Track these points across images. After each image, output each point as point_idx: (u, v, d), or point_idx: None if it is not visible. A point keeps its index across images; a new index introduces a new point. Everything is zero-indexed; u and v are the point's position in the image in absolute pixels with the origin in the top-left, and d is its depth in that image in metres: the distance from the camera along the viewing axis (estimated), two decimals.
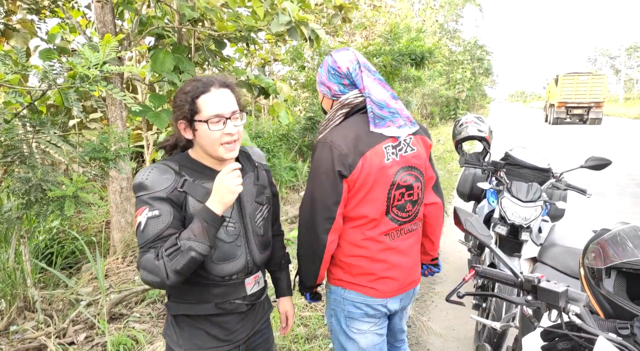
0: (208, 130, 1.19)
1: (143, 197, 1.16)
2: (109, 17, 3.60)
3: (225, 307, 1.28)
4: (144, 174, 1.19)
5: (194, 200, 1.20)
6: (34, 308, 2.73)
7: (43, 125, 2.70)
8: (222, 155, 1.23)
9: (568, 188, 2.63)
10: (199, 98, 1.20)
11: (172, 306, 1.30)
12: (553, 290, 0.94)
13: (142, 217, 1.14)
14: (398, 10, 16.38)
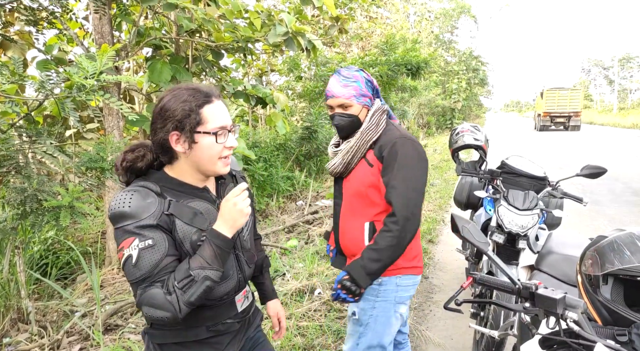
0: (213, 143, 1.11)
1: (127, 226, 1.04)
2: (107, 28, 3.62)
3: (217, 329, 1.20)
4: (122, 201, 1.05)
5: (181, 223, 1.10)
6: (28, 320, 2.70)
7: (39, 136, 2.70)
8: (219, 170, 1.15)
9: (564, 196, 2.63)
10: (203, 108, 1.11)
11: (156, 334, 1.17)
12: (551, 296, 0.94)
13: (131, 249, 1.02)
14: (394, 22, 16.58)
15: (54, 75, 2.12)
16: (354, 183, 1.68)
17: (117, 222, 1.05)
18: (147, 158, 1.14)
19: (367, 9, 11.54)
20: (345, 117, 1.64)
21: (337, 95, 1.62)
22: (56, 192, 2.65)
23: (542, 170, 2.76)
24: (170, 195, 1.12)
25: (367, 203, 1.65)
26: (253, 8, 4.41)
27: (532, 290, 0.99)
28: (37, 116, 4.46)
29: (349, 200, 1.70)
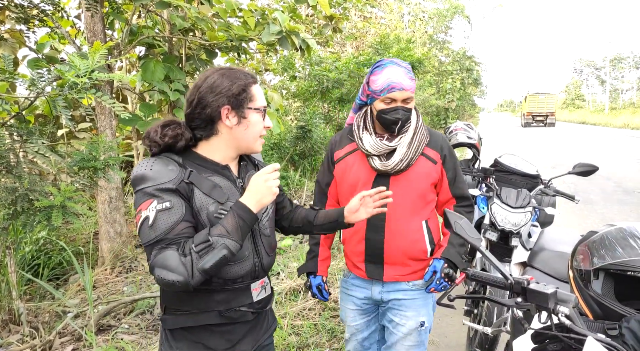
0: (260, 119, 1.19)
1: (147, 189, 1.06)
2: (99, 26, 3.60)
3: (229, 315, 1.17)
4: (146, 165, 1.09)
5: (200, 193, 1.11)
6: (19, 321, 2.67)
7: (31, 135, 2.67)
8: (257, 147, 1.22)
9: (557, 194, 2.66)
10: (252, 87, 1.18)
11: (169, 320, 1.18)
12: (542, 291, 0.94)
13: (148, 210, 1.04)
14: (388, 22, 16.62)
15: (45, 73, 2.10)
16: (414, 181, 1.59)
17: (138, 184, 1.07)
18: (186, 138, 1.16)
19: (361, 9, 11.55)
20: (407, 111, 1.55)
21: (407, 88, 1.51)
22: (48, 191, 2.62)
23: (535, 168, 2.78)
24: (191, 168, 1.14)
25: (425, 201, 1.63)
26: (247, 7, 4.40)
27: (524, 285, 0.99)
28: (29, 115, 4.42)
29: (402, 199, 1.58)
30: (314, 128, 7.45)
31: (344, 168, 1.67)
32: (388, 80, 1.50)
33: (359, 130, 1.63)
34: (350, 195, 1.55)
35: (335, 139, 1.74)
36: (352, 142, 1.67)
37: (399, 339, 1.66)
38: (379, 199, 1.32)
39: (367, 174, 1.61)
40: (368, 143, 1.58)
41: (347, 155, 1.67)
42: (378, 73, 1.53)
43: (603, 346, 0.86)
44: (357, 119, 1.67)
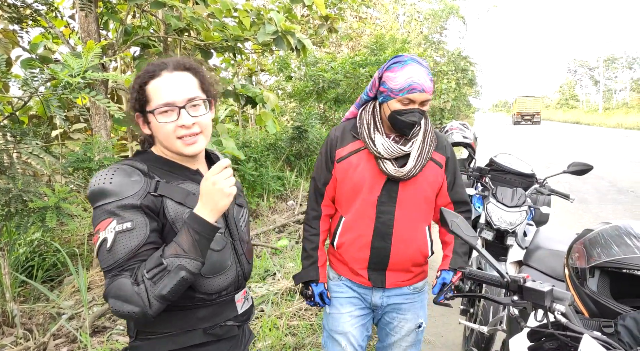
0: (157, 123, 1.00)
1: (106, 206, 0.93)
2: (93, 26, 3.57)
3: (215, 332, 1.06)
4: (104, 177, 0.95)
5: (173, 202, 1.00)
6: (13, 323, 2.65)
7: (25, 136, 2.65)
8: (180, 150, 1.03)
9: (552, 193, 2.67)
10: (149, 84, 1.01)
11: (143, 346, 1.02)
12: (538, 289, 0.94)
13: (107, 231, 0.91)
14: (383, 22, 16.65)
15: (38, 73, 2.08)
16: (422, 186, 1.53)
17: (97, 200, 0.95)
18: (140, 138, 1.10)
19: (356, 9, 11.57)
20: (422, 114, 1.46)
21: (427, 90, 1.41)
22: (42, 192, 2.60)
23: (530, 168, 2.79)
24: (159, 175, 1.03)
25: (430, 207, 1.58)
26: (242, 7, 4.39)
27: (520, 283, 0.99)
28: (22, 116, 4.38)
29: (410, 205, 1.52)
30: (310, 129, 7.44)
31: (347, 169, 1.54)
32: (410, 79, 1.38)
33: (370, 129, 1.50)
34: (352, 197, 1.53)
35: (335, 135, 1.58)
36: (357, 140, 1.55)
37: (396, 340, 1.64)
38: None
39: (375, 177, 1.51)
40: (381, 145, 1.47)
41: (351, 154, 1.55)
42: (397, 70, 1.40)
43: (599, 344, 0.86)
44: (366, 116, 1.54)
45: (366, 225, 1.52)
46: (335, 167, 1.57)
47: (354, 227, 1.55)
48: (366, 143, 1.50)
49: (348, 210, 1.56)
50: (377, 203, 1.51)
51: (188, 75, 1.05)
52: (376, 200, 1.51)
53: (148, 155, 1.08)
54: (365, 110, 1.57)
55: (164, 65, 1.03)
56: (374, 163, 1.51)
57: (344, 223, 1.58)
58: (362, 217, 1.53)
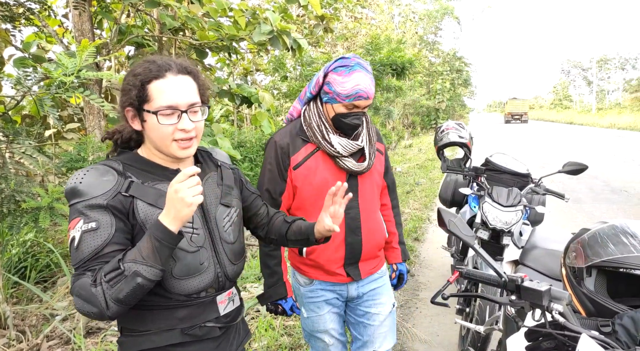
0: (157, 124, 1.00)
1: (76, 205, 0.96)
2: (87, 25, 3.54)
3: (194, 333, 1.06)
4: (78, 177, 0.98)
5: (144, 203, 1.00)
6: (6, 325, 2.62)
7: (17, 135, 2.63)
8: (174, 153, 1.04)
9: (547, 192, 2.68)
10: (151, 83, 1.01)
11: (126, 342, 1.05)
12: (536, 288, 0.94)
13: (75, 230, 0.94)
14: (379, 23, 16.68)
15: (31, 72, 2.06)
16: (375, 176, 1.63)
17: (69, 199, 0.98)
18: (126, 133, 1.08)
19: (352, 10, 11.58)
20: (362, 115, 1.51)
21: (371, 97, 1.46)
22: (35, 192, 2.58)
23: (525, 167, 2.80)
24: (136, 175, 1.03)
25: (379, 194, 1.70)
26: (237, 6, 4.38)
27: (517, 282, 0.99)
28: (15, 115, 4.34)
29: (369, 195, 1.61)
30: None
31: (306, 174, 1.53)
32: (357, 87, 1.42)
33: (322, 131, 1.52)
34: (316, 200, 1.51)
35: (285, 142, 1.54)
36: (307, 143, 1.55)
37: (375, 329, 1.68)
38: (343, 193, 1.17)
39: (336, 176, 1.53)
40: (339, 144, 1.50)
41: (307, 158, 1.54)
42: (345, 75, 1.44)
43: (597, 343, 0.86)
44: (314, 118, 1.54)
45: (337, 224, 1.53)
46: (292, 175, 1.55)
47: None
48: (320, 145, 1.52)
49: (313, 214, 1.49)
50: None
51: (189, 79, 1.06)
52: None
53: (128, 154, 1.09)
54: (310, 111, 1.56)
55: (168, 67, 1.03)
56: (331, 163, 1.54)
57: None
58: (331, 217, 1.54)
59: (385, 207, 1.78)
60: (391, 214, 1.79)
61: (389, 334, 1.72)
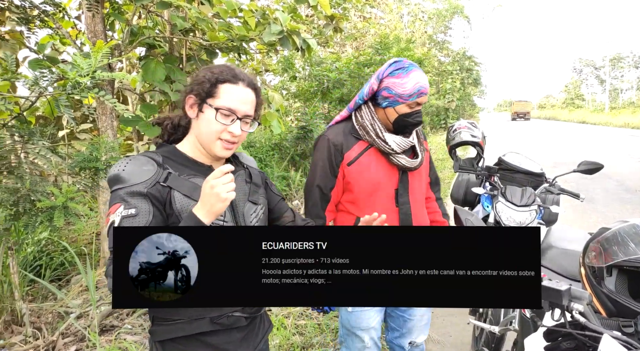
0: (213, 119, 1.09)
1: (118, 191, 1.03)
2: (100, 27, 3.58)
3: (222, 322, 1.11)
4: (121, 165, 1.06)
5: (180, 194, 1.06)
6: (22, 322, 2.66)
7: (32, 136, 2.66)
8: (215, 150, 1.12)
9: (561, 192, 2.64)
10: (224, 84, 1.11)
11: (158, 331, 1.11)
12: (556, 288, 0.93)
13: (115, 215, 1.01)
14: (387, 22, 16.62)
15: (47, 73, 2.09)
16: (423, 172, 1.70)
17: (112, 184, 1.05)
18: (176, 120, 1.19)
19: (360, 9, 11.55)
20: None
21: (427, 92, 1.56)
22: (50, 192, 2.61)
23: (539, 167, 2.77)
24: (172, 167, 1.10)
25: (425, 190, 1.75)
26: (247, 7, 4.39)
27: None
28: (30, 116, 4.40)
29: (418, 192, 1.67)
30: (315, 129, 7.44)
31: (360, 170, 1.60)
32: (418, 84, 1.50)
33: (376, 130, 1.58)
34: (369, 195, 1.59)
35: (338, 140, 1.61)
36: (359, 141, 1.62)
37: (415, 323, 1.73)
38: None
39: (389, 172, 1.61)
40: (393, 142, 1.57)
41: (360, 155, 1.61)
42: (403, 76, 1.50)
43: (620, 344, 0.84)
44: (367, 118, 1.59)
45: (391, 219, 1.60)
46: (344, 171, 1.61)
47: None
48: (374, 143, 1.58)
49: (366, 209, 1.57)
50: (396, 196, 1.61)
51: (253, 95, 1.16)
52: (394, 193, 1.60)
53: (169, 147, 1.17)
54: (362, 112, 1.62)
55: (243, 77, 1.15)
56: (384, 160, 1.61)
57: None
58: (385, 212, 1.54)
59: (430, 199, 1.82)
60: (436, 206, 1.84)
61: (425, 327, 1.79)
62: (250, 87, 1.14)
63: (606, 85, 50.93)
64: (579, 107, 54.11)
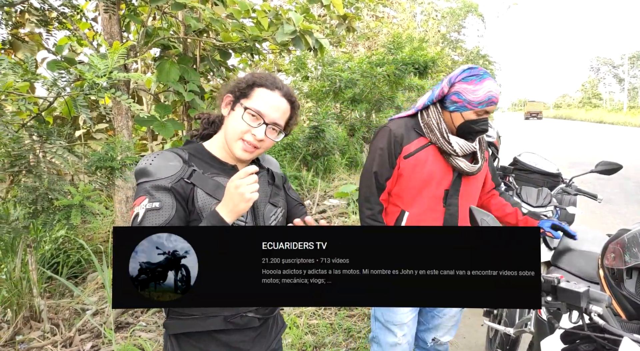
0: (240, 117, 1.11)
1: (144, 184, 1.05)
2: (116, 28, 3.64)
3: (235, 322, 1.12)
4: (148, 159, 1.08)
5: (203, 192, 1.08)
6: (40, 318, 2.71)
7: (50, 135, 2.71)
8: (235, 150, 1.13)
9: (578, 193, 2.60)
10: (260, 88, 1.14)
11: (171, 324, 1.13)
12: (574, 290, 0.91)
13: (140, 207, 1.03)
14: (400, 21, 16.53)
15: (65, 73, 2.13)
16: (479, 179, 1.72)
17: (138, 177, 1.07)
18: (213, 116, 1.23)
19: (373, 9, 11.52)
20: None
21: (497, 102, 1.57)
22: (67, 191, 2.66)
23: (555, 167, 2.72)
24: (197, 165, 1.11)
25: (478, 197, 1.76)
26: (260, 7, 4.41)
27: (554, 283, 0.96)
28: (47, 116, 4.49)
29: (470, 196, 1.69)
30: (327, 128, 7.44)
31: (415, 164, 1.62)
32: (489, 93, 1.51)
33: (442, 131, 1.60)
34: (418, 191, 1.63)
35: (399, 132, 1.64)
36: (420, 137, 1.64)
37: (443, 321, 1.77)
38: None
39: (444, 172, 1.63)
40: (457, 144, 1.59)
41: (418, 150, 1.63)
42: (476, 83, 1.52)
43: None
44: (434, 117, 1.61)
45: (436, 217, 1.64)
46: (401, 163, 1.63)
47: (422, 220, 1.65)
48: (438, 142, 1.60)
49: (412, 204, 1.64)
50: (445, 196, 1.63)
51: (288, 106, 1.18)
52: (444, 194, 1.63)
53: (194, 145, 1.19)
54: (429, 111, 1.64)
55: (281, 86, 1.17)
56: (441, 159, 1.63)
57: (408, 217, 1.66)
58: (431, 210, 1.64)
59: (494, 196, 1.84)
60: (502, 200, 1.84)
61: (453, 328, 1.80)
62: (286, 97, 1.16)
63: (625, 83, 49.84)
64: (596, 107, 53.08)
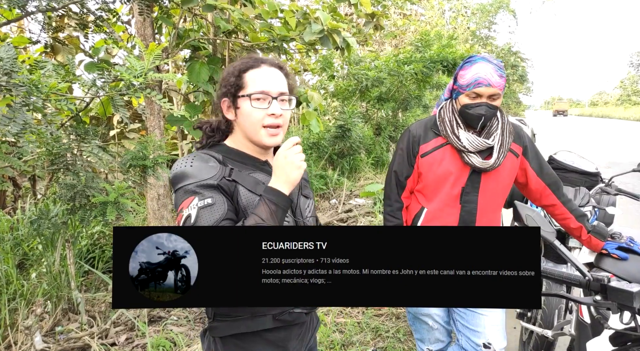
0: (250, 107, 1.08)
1: (188, 186, 1.01)
2: (149, 30, 3.73)
3: (284, 319, 1.10)
4: (186, 162, 1.05)
5: (245, 190, 1.06)
6: (78, 310, 2.81)
7: (87, 134, 2.81)
8: (262, 140, 1.10)
9: (619, 193, 2.49)
10: (247, 72, 1.10)
11: (220, 327, 1.09)
12: (627, 289, 0.87)
13: (190, 208, 0.98)
14: (429, 19, 16.29)
15: (105, 74, 2.20)
16: (502, 176, 1.65)
17: (178, 182, 1.03)
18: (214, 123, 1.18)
19: (401, 7, 11.39)
20: (492, 108, 1.54)
21: (494, 85, 1.51)
22: (103, 188, 2.75)
23: (594, 166, 2.62)
24: (232, 165, 1.10)
25: (506, 194, 1.70)
26: (288, 7, 4.43)
27: (604, 282, 0.92)
28: (84, 116, 4.66)
29: (490, 194, 1.65)
30: (353, 128, 7.40)
31: (431, 163, 1.65)
32: (476, 75, 1.50)
33: (452, 126, 1.60)
34: (436, 188, 1.65)
35: (418, 132, 1.68)
36: (438, 136, 1.66)
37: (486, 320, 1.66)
38: None
39: (460, 169, 1.62)
40: (466, 140, 1.57)
41: (435, 149, 1.65)
42: (467, 68, 1.54)
43: None
44: (447, 114, 1.63)
45: (452, 214, 1.63)
46: (419, 162, 1.67)
47: (439, 217, 1.66)
48: (449, 138, 1.61)
49: (431, 201, 1.67)
50: (461, 194, 1.62)
51: (280, 73, 1.14)
52: (460, 191, 1.62)
53: (221, 146, 1.16)
54: (445, 108, 1.67)
55: (263, 60, 1.13)
56: (457, 157, 1.62)
57: (426, 213, 1.69)
58: (448, 207, 1.64)
59: (555, 206, 1.73)
60: (566, 211, 1.72)
61: (502, 332, 1.67)
62: (274, 66, 1.13)
63: None
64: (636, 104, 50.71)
